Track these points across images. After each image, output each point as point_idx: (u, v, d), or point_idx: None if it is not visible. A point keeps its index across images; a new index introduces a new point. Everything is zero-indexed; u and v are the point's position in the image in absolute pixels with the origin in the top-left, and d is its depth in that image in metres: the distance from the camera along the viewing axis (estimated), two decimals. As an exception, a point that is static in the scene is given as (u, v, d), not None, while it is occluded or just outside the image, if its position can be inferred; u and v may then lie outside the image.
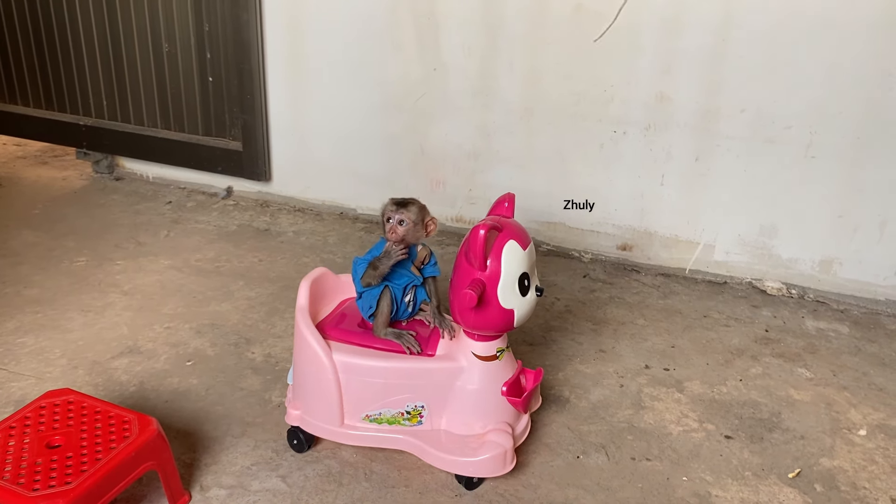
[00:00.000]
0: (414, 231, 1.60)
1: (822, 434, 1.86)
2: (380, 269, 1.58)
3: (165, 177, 3.33)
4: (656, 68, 2.46)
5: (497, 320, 1.54)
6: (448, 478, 1.64)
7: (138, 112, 3.15)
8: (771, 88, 2.36)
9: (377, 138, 2.90)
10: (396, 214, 1.59)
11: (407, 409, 1.62)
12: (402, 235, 1.59)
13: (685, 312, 2.42)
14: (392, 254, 1.58)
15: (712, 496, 1.64)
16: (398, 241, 1.59)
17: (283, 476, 1.64)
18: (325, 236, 2.88)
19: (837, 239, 2.47)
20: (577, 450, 1.77)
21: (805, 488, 1.68)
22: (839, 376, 2.11)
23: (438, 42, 2.68)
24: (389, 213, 1.60)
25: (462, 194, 2.85)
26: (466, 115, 2.75)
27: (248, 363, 2.04)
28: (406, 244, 1.60)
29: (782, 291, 2.57)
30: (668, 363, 2.14)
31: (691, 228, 2.63)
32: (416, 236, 1.61)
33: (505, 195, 1.63)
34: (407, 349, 1.61)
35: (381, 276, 1.59)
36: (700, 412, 1.93)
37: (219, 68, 2.94)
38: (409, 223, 1.59)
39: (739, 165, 2.49)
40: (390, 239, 1.59)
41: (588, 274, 2.67)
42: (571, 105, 2.60)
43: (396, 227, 1.59)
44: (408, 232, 1.59)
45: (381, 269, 1.58)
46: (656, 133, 2.54)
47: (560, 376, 2.05)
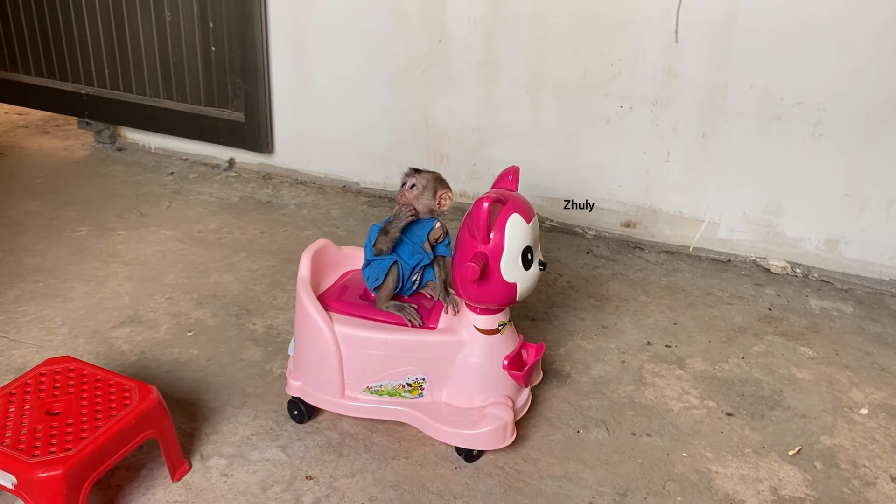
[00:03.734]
0: (423, 198, 1.60)
1: (824, 412, 1.86)
2: (391, 233, 1.59)
3: (167, 148, 3.31)
4: (664, 43, 2.43)
5: (499, 294, 1.53)
6: (448, 450, 1.64)
7: (140, 81, 3.12)
8: (780, 64, 2.33)
9: (381, 111, 2.88)
10: (409, 179, 1.60)
11: (408, 382, 1.62)
12: (410, 200, 1.60)
13: (688, 290, 2.41)
14: (401, 216, 1.58)
15: (712, 472, 1.64)
16: (406, 205, 1.60)
17: (283, 446, 1.64)
18: (327, 210, 2.86)
19: (844, 218, 2.45)
20: (577, 424, 1.77)
21: (805, 466, 1.68)
22: (842, 355, 2.10)
23: (444, 13, 2.64)
24: (404, 178, 1.62)
25: (466, 169, 2.83)
26: (471, 88, 2.72)
27: (249, 334, 2.04)
28: (414, 209, 1.60)
29: (787, 270, 2.55)
30: (670, 340, 2.13)
31: (696, 206, 2.61)
32: (426, 205, 1.61)
33: (509, 168, 1.62)
34: (409, 322, 1.60)
35: (392, 241, 1.59)
36: (701, 389, 1.92)
37: (221, 38, 2.90)
38: (419, 188, 1.59)
39: (746, 142, 2.46)
40: (399, 201, 1.61)
41: (591, 250, 2.65)
42: (578, 79, 2.57)
43: (406, 190, 1.60)
44: (416, 197, 1.59)
45: (392, 232, 1.59)
46: (663, 108, 2.51)
47: (561, 351, 2.04)
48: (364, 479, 1.56)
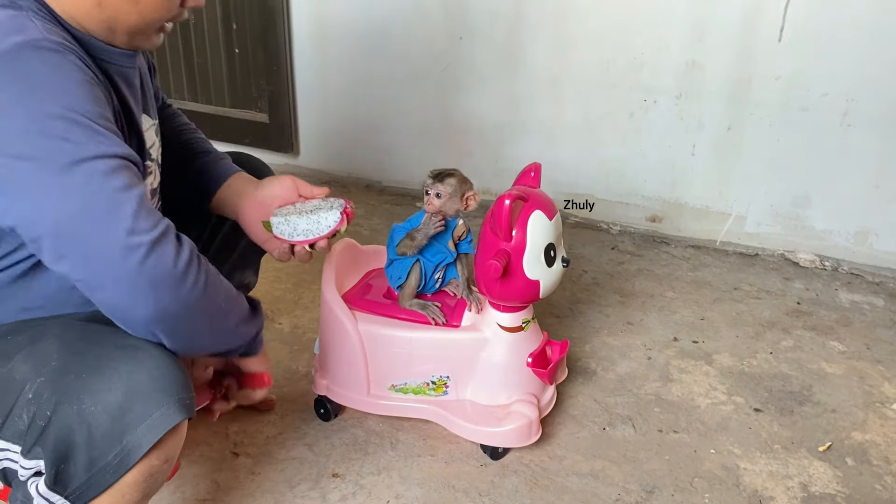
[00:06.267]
0: (451, 204, 1.57)
1: (855, 408, 1.83)
2: (416, 241, 1.56)
3: (193, 149, 3.34)
4: (688, 35, 2.40)
5: (522, 291, 1.53)
6: (473, 448, 1.65)
7: (165, 83, 3.16)
8: (806, 54, 2.30)
9: (403, 109, 2.88)
10: (433, 188, 1.56)
11: (432, 380, 1.62)
12: (438, 208, 1.57)
13: (715, 285, 2.39)
14: (430, 225, 1.56)
15: (740, 469, 1.63)
16: (434, 213, 1.57)
17: (310, 444, 1.65)
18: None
19: (873, 209, 2.41)
20: (603, 421, 1.76)
21: (836, 462, 1.66)
22: (873, 349, 2.07)
23: (465, 9, 2.64)
24: (427, 186, 1.57)
25: (488, 166, 2.83)
26: (492, 84, 2.71)
27: (275, 333, 2.06)
28: (443, 216, 1.58)
29: (815, 263, 2.52)
30: (696, 336, 2.11)
31: (722, 199, 2.58)
32: (453, 209, 1.59)
33: (531, 165, 1.61)
34: (432, 320, 1.61)
35: (417, 248, 1.58)
36: (729, 385, 1.90)
37: (244, 39, 2.93)
38: (446, 196, 1.55)
39: (773, 135, 2.43)
40: (427, 210, 1.57)
41: (616, 246, 2.64)
42: (600, 73, 2.55)
43: (433, 199, 1.56)
44: (444, 204, 1.57)
45: (419, 240, 1.56)
46: (688, 101, 2.49)
47: (587, 348, 2.03)
48: (390, 477, 1.57)
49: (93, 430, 0.96)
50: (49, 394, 0.98)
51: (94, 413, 0.97)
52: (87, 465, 0.97)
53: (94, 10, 1.06)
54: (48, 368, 1.01)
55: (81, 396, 0.97)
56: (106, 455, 0.96)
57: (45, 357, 1.02)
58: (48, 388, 0.99)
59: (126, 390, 0.98)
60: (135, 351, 1.03)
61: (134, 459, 0.97)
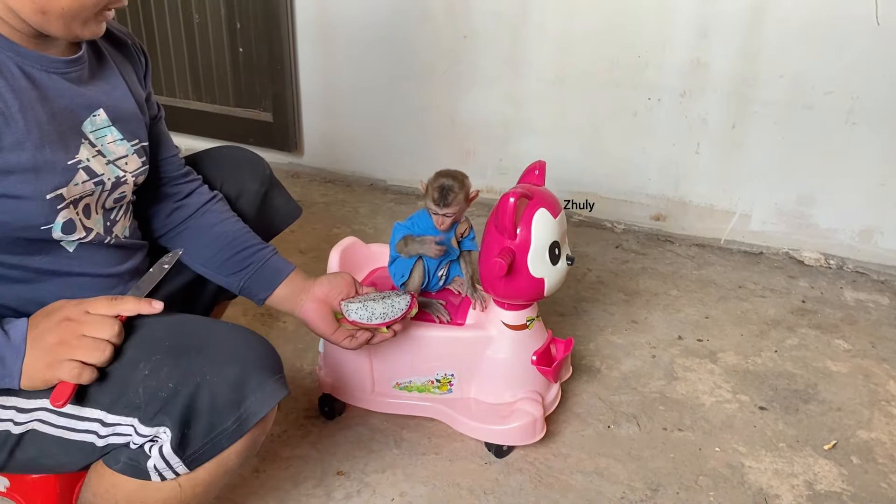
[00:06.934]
0: (459, 212, 1.56)
1: (860, 406, 1.83)
2: (408, 249, 1.55)
3: (196, 148, 3.30)
4: (693, 33, 2.40)
5: (527, 289, 1.52)
6: (478, 446, 1.65)
7: (169, 83, 3.16)
8: (811, 52, 2.29)
9: (407, 108, 2.88)
10: (442, 210, 1.52)
11: (437, 378, 1.62)
12: (451, 223, 1.56)
13: (720, 283, 2.39)
14: (428, 249, 1.55)
15: (745, 467, 1.63)
16: (447, 230, 1.56)
17: (314, 443, 1.66)
18: (355, 207, 2.88)
19: (878, 208, 2.40)
20: (607, 420, 1.76)
21: (841, 460, 1.65)
22: (878, 348, 2.06)
23: (469, 9, 2.64)
24: (434, 210, 1.53)
25: (492, 164, 2.83)
26: (496, 83, 2.71)
27: (279, 331, 2.06)
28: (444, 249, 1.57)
29: (820, 262, 2.51)
30: (701, 334, 2.11)
31: (727, 198, 2.58)
32: (461, 214, 1.58)
33: (535, 163, 1.61)
34: (437, 318, 1.61)
35: (408, 255, 1.57)
36: (734, 383, 1.90)
37: (249, 38, 2.93)
38: (454, 213, 1.53)
39: (777, 133, 2.42)
40: (441, 230, 1.55)
41: (620, 244, 2.63)
42: (604, 72, 2.55)
43: (444, 219, 1.54)
44: (454, 217, 1.55)
45: (410, 249, 1.56)
46: (692, 100, 2.48)
47: (591, 346, 2.03)
48: (395, 475, 1.57)
49: (215, 398, 1.03)
50: (170, 368, 1.05)
51: (217, 383, 1.04)
52: (206, 430, 1.04)
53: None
54: (162, 348, 1.07)
55: (204, 369, 1.04)
56: (225, 421, 1.04)
57: (156, 341, 1.08)
58: (168, 364, 1.05)
59: (242, 364, 1.07)
60: (239, 332, 1.13)
61: (250, 425, 1.05)
